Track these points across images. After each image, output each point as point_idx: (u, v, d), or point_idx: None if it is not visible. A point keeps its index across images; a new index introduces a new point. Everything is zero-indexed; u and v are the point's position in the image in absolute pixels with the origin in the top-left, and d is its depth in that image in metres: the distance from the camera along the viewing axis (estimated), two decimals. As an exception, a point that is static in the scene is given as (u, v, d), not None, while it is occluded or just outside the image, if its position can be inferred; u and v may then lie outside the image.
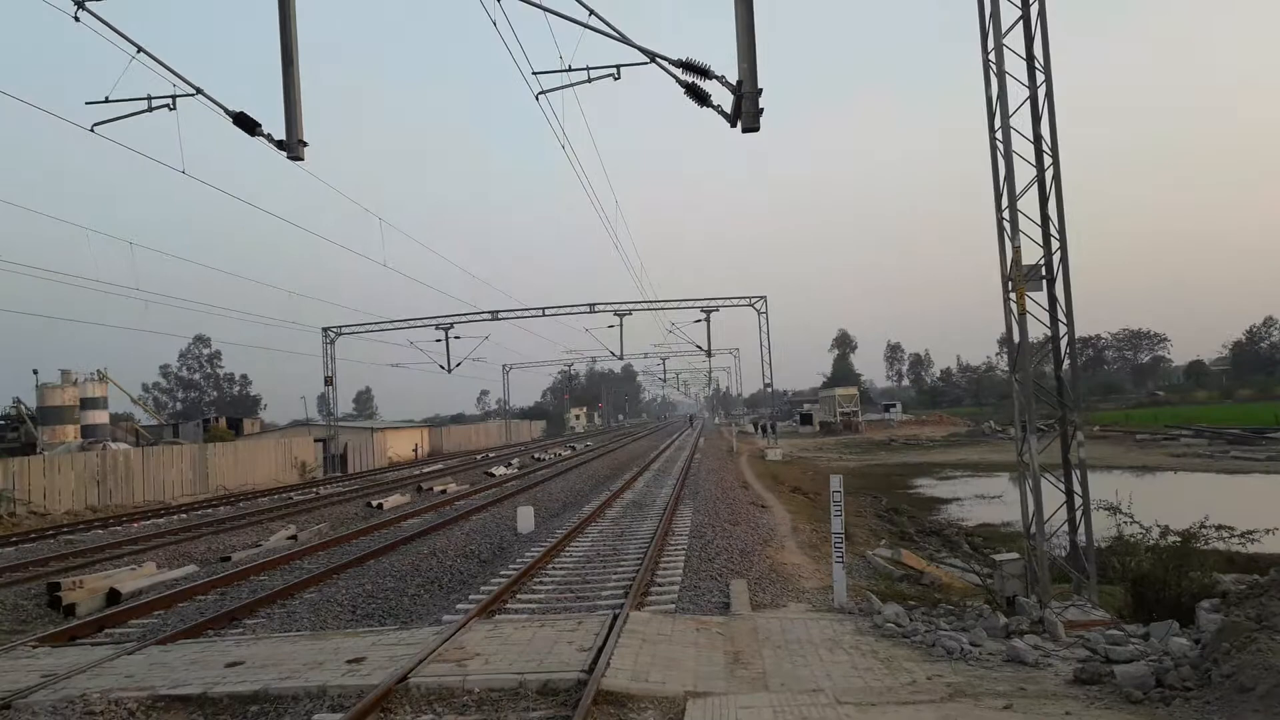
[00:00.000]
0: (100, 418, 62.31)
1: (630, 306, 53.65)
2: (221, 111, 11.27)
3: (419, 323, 55.52)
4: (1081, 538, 11.23)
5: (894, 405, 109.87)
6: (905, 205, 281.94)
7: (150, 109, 11.92)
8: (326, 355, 55.24)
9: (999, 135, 10.90)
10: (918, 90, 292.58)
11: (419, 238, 49.11)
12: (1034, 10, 11.12)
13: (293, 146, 10.88)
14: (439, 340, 54.54)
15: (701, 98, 9.45)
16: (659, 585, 12.84)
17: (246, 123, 11.07)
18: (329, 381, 55.88)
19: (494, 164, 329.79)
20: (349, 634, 10.34)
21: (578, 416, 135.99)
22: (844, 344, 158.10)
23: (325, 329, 55.58)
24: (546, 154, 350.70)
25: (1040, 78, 11.21)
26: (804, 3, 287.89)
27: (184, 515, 28.70)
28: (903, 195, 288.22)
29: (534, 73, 12.02)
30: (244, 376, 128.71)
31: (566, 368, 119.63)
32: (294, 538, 21.31)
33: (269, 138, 11.07)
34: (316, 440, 52.45)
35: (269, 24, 10.64)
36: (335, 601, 12.97)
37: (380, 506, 27.79)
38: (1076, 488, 11.33)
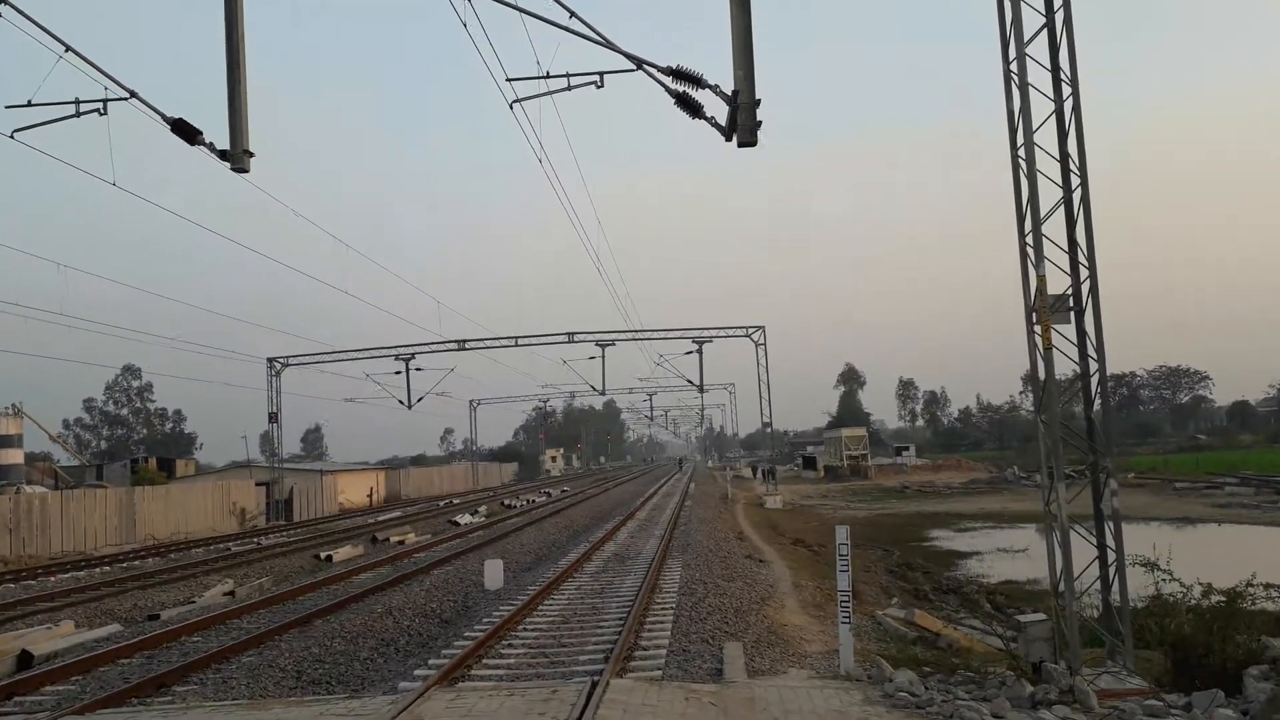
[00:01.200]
0: (14, 457, 61.77)
1: (614, 336, 53.84)
2: (158, 118, 11.33)
3: (376, 353, 55.57)
4: (1115, 597, 11.26)
5: (907, 448, 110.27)
6: (919, 229, 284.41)
7: (78, 114, 11.98)
8: (271, 388, 55.08)
9: (1021, 153, 11.07)
10: (934, 104, 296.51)
11: (377, 258, 49.36)
12: (1059, 17, 11.32)
13: (237, 157, 10.93)
14: (398, 373, 54.60)
15: (693, 109, 9.57)
16: (644, 649, 12.78)
17: (186, 130, 11.13)
18: (274, 418, 55.62)
19: (462, 178, 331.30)
20: (292, 703, 10.23)
21: (554, 458, 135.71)
22: (851, 380, 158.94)
23: (270, 359, 55.47)
24: (521, 168, 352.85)
25: (1067, 90, 11.40)
26: (808, 9, 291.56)
27: (107, 568, 28.40)
28: (916, 218, 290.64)
29: (508, 79, 12.19)
30: (178, 412, 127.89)
31: (541, 404, 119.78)
32: (232, 593, 21.11)
33: (211, 147, 11.12)
34: (258, 484, 52.07)
35: (214, 24, 10.74)
36: (277, 666, 12.84)
37: (330, 559, 27.59)
38: (1109, 541, 11.38)
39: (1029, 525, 39.30)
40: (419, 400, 56.15)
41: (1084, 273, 11.39)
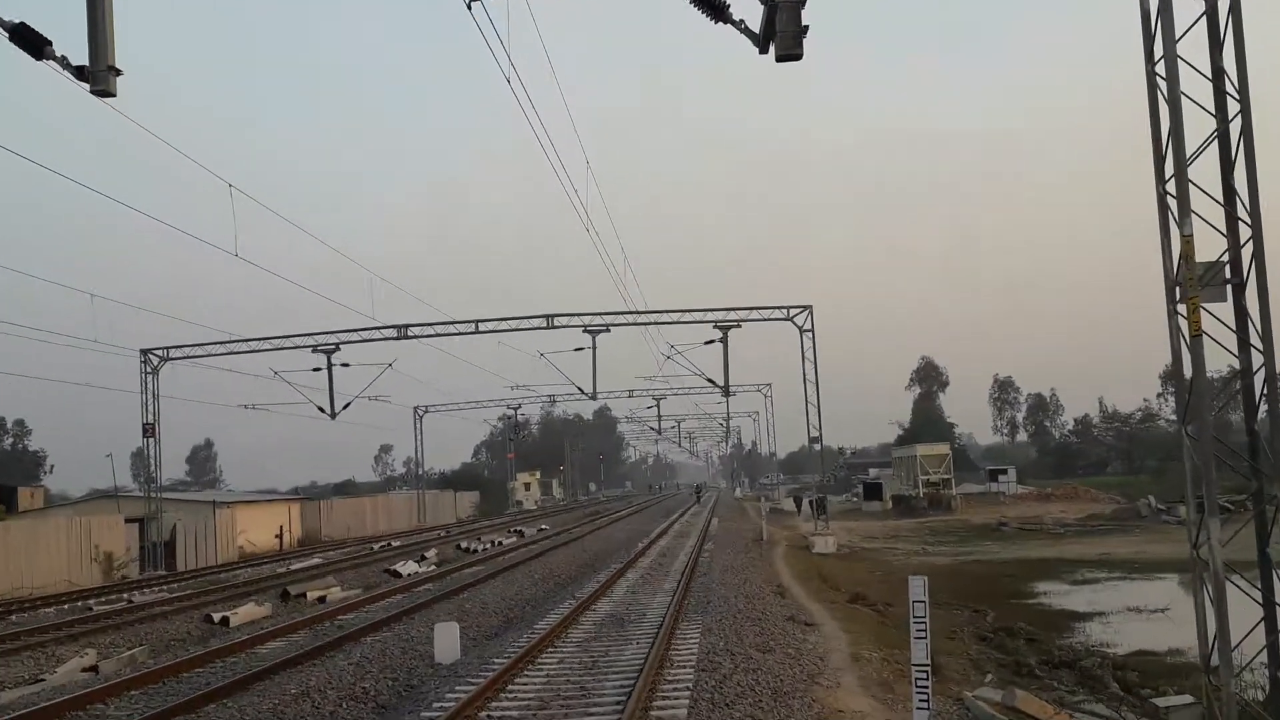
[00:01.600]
0: None
1: (608, 320, 53.65)
2: (-7, 23, 11.29)
3: (287, 343, 55.39)
4: (1287, 673, 11.24)
5: (1005, 471, 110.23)
6: (1019, 175, 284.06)
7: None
8: (146, 391, 55.00)
9: (1160, 69, 11.01)
10: (1041, 8, 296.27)
11: (288, 215, 49.15)
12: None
13: (99, 76, 10.90)
14: (318, 369, 54.49)
15: (716, 9, 9.52)
16: (649, 744, 12.79)
17: (30, 39, 11.09)
18: (149, 431, 55.54)
19: (402, 108, 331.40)
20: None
21: (527, 485, 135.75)
22: (929, 379, 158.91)
23: (145, 351, 55.41)
24: (483, 93, 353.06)
25: (1221, -17, 11.33)
26: None
27: (-75, 634, 28.45)
28: (1014, 162, 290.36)
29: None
30: (20, 423, 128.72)
31: (511, 411, 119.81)
32: (94, 669, 21.13)
33: (64, 61, 11.08)
34: (129, 520, 52.11)
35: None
36: (155, 768, 12.86)
37: (226, 622, 27.64)
38: None
39: (1170, 575, 39.33)
40: (345, 407, 56.13)
41: (1245, 232, 11.33)
